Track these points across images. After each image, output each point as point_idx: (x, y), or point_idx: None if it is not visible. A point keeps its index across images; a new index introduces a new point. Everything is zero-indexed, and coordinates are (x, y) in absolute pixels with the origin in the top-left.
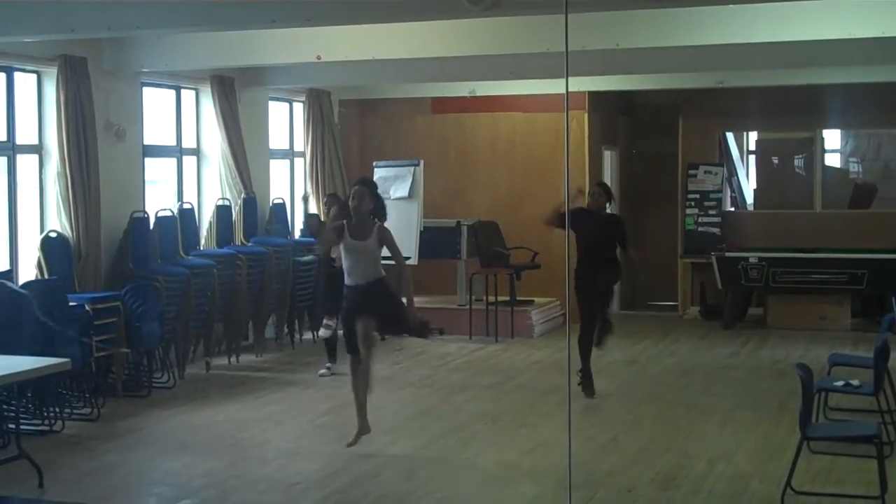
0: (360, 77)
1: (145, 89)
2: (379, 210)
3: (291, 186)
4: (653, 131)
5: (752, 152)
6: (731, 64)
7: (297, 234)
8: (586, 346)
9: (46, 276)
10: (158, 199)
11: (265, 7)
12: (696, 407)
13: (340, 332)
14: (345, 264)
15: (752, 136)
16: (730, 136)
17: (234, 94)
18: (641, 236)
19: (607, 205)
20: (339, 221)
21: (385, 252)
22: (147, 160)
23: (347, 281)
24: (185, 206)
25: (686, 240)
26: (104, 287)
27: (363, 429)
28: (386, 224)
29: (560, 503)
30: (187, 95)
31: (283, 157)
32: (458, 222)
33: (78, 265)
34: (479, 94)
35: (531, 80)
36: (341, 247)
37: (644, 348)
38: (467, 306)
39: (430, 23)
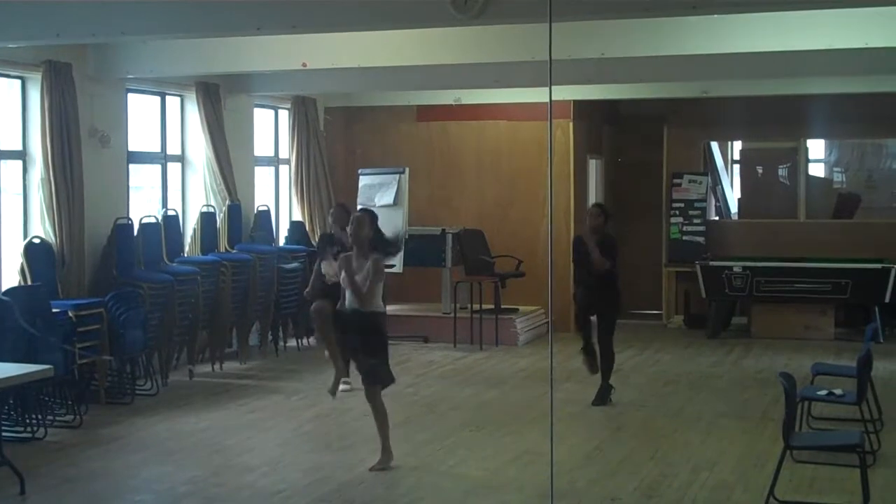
0: (346, 84)
1: (130, 95)
2: (378, 241)
3: (276, 194)
4: (638, 140)
5: (736, 161)
6: (715, 74)
7: (281, 242)
8: (589, 349)
9: (29, 283)
10: (143, 206)
11: (251, 14)
12: (679, 416)
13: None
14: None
15: (737, 146)
16: (714, 145)
17: (220, 100)
18: (626, 245)
19: (606, 226)
20: (348, 252)
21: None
22: (131, 166)
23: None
24: (170, 212)
25: (670, 248)
26: (87, 294)
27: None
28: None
29: None
30: (172, 102)
31: (268, 165)
32: (443, 230)
33: (61, 272)
34: (464, 102)
35: (516, 89)
36: (341, 278)
37: (628, 357)
38: (452, 314)
39: (415, 31)
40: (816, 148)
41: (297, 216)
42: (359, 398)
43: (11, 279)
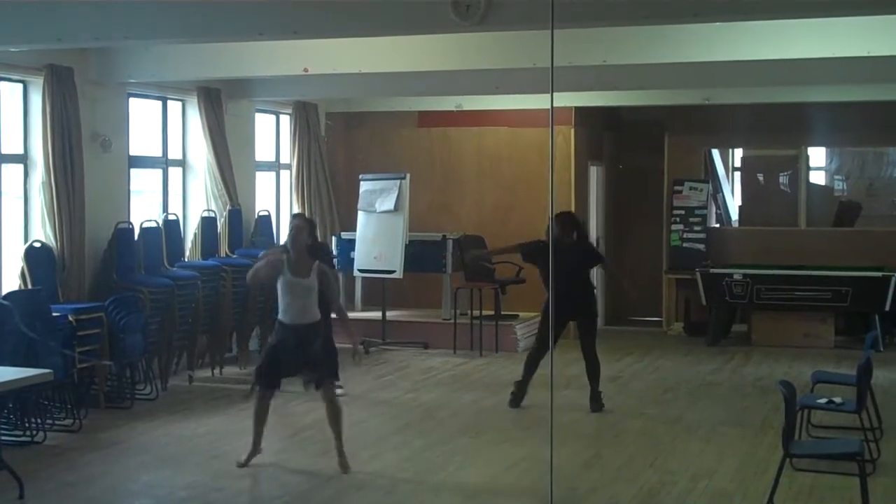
0: (347, 90)
1: (131, 100)
2: (316, 250)
3: (277, 199)
4: (639, 147)
5: (737, 169)
6: (717, 81)
7: None
8: (534, 363)
9: (30, 287)
10: (143, 210)
11: (253, 19)
12: (679, 423)
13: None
14: (281, 301)
15: (738, 153)
16: (715, 152)
17: (221, 105)
18: (626, 251)
19: (574, 234)
20: (279, 256)
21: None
22: (133, 171)
23: (282, 317)
24: (171, 217)
25: (671, 255)
26: (88, 298)
27: (257, 450)
28: (370, 239)
29: None
30: (173, 106)
31: (269, 170)
32: (444, 236)
33: (62, 276)
34: (465, 108)
35: (517, 95)
36: (279, 282)
37: (627, 364)
38: (452, 320)
39: (417, 37)
40: (817, 156)
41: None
42: (357, 404)
43: (12, 283)
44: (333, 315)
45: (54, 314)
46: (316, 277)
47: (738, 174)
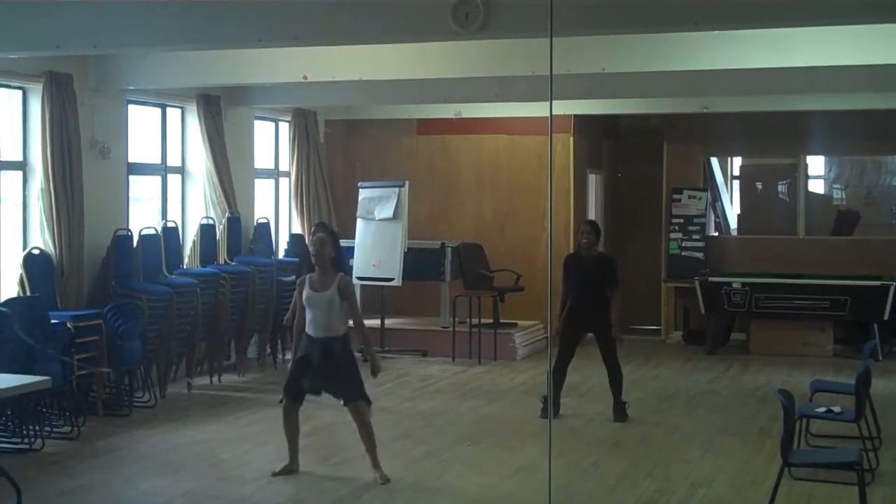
0: (347, 97)
1: (131, 107)
2: (338, 260)
3: (276, 206)
4: (637, 155)
5: (736, 177)
6: (715, 89)
7: (280, 254)
8: (559, 378)
9: (28, 294)
10: (142, 218)
11: (252, 26)
12: (677, 431)
13: None
14: (306, 314)
15: (737, 162)
16: (714, 161)
17: (220, 112)
18: (625, 260)
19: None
20: (304, 276)
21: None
22: (131, 178)
23: (307, 329)
24: (169, 224)
25: (670, 264)
26: (86, 305)
27: (293, 465)
28: (368, 246)
29: None
30: (173, 113)
31: (268, 177)
32: (443, 244)
33: (60, 283)
34: (464, 116)
35: (517, 103)
36: (303, 296)
37: (626, 372)
38: (450, 328)
39: (416, 44)
40: (816, 164)
41: (297, 229)
42: None
43: (10, 290)
44: (351, 323)
45: (53, 321)
46: (336, 290)
47: (736, 183)
